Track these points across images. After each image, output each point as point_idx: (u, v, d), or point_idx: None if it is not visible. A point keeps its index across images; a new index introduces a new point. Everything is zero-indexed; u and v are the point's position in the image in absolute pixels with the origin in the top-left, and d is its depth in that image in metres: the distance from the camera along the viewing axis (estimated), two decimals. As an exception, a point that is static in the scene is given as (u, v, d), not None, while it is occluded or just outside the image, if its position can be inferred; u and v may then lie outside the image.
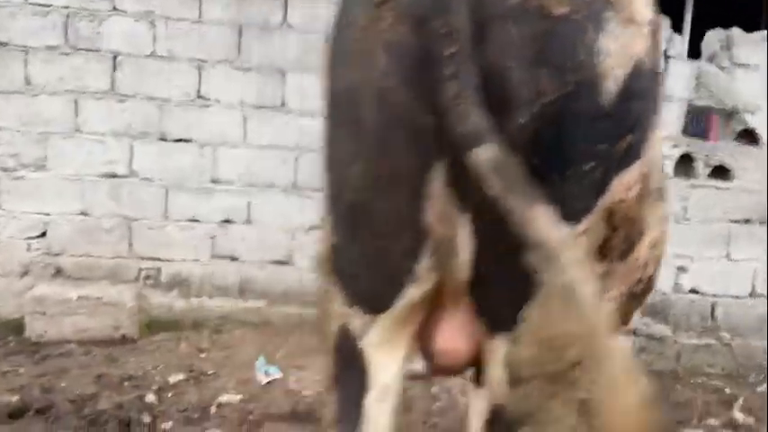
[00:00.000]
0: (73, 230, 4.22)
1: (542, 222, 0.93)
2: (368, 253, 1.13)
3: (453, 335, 1.20)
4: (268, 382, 3.54)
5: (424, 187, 1.03)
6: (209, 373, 3.63)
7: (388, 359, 1.22)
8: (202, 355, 3.89)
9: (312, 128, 4.25)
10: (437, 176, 1.03)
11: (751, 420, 3.54)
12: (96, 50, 4.10)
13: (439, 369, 1.29)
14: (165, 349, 3.93)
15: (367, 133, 1.04)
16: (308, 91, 4.21)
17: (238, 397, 3.34)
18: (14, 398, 3.06)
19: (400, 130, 1.03)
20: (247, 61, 4.19)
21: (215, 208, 4.29)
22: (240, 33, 4.17)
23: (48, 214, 4.19)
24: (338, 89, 1.10)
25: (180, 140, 4.22)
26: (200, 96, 4.20)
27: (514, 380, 1.14)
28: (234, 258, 4.35)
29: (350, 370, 1.22)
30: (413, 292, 1.14)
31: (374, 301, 1.17)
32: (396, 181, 1.04)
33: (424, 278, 1.12)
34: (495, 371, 1.16)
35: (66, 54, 4.08)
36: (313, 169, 4.29)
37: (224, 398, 3.31)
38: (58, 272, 4.25)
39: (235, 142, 4.25)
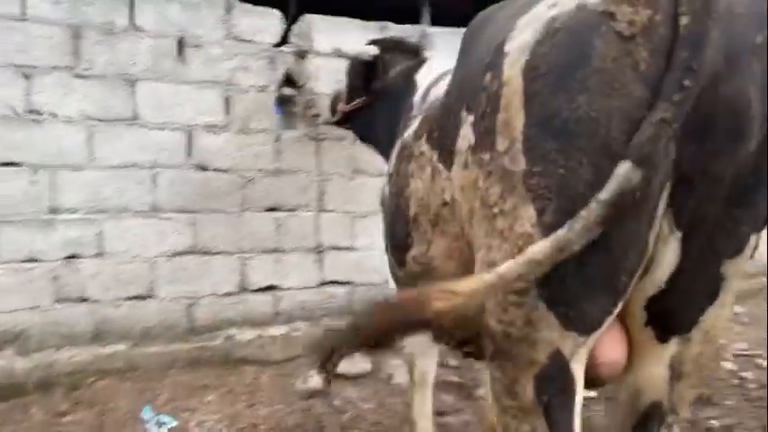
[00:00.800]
0: None
1: None
2: (597, 275, 1.14)
3: (616, 346, 1.28)
4: (165, 434, 3.11)
5: (658, 208, 1.11)
6: (84, 438, 3.06)
7: (582, 376, 1.24)
8: (65, 420, 3.24)
9: (170, 142, 3.82)
10: (665, 196, 1.12)
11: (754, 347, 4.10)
12: None
13: (595, 381, 1.32)
14: (13, 422, 3.19)
15: (615, 160, 1.06)
16: (163, 101, 3.77)
17: (143, 458, 2.88)
18: None
19: None
20: (89, 68, 3.58)
21: (56, 243, 3.59)
22: (78, 36, 3.55)
23: None
24: (571, 116, 1.09)
25: (6, 164, 3.44)
26: (30, 110, 3.47)
27: (677, 376, 1.30)
28: (83, 299, 3.69)
29: (562, 394, 1.21)
30: (618, 309, 1.19)
31: (591, 321, 1.18)
32: (638, 203, 1.07)
33: (628, 294, 1.18)
34: (659, 371, 1.30)
35: None
36: (173, 188, 3.85)
37: (124, 463, 2.83)
38: None
39: (78, 163, 3.60)
